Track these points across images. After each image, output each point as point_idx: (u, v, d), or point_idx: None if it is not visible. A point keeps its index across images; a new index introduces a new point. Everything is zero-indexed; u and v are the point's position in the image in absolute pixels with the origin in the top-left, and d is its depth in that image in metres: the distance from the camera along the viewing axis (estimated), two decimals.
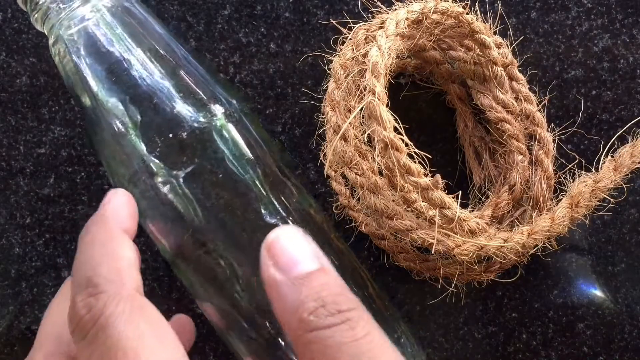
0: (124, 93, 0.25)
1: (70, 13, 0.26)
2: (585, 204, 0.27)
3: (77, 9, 0.26)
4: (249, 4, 0.34)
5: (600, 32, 0.34)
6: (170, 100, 0.25)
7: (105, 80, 0.25)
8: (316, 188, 0.34)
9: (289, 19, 0.34)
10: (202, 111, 0.25)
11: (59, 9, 0.26)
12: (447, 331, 0.34)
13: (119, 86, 0.25)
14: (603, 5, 0.34)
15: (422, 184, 0.25)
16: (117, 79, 0.25)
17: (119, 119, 0.25)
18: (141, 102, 0.25)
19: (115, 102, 0.25)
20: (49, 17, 0.26)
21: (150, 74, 0.25)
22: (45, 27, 0.27)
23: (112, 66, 0.25)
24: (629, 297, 0.34)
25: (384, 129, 0.24)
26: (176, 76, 0.26)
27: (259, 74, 0.34)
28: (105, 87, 0.25)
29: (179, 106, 0.25)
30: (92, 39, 0.26)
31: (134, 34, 0.26)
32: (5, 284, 0.34)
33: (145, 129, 0.25)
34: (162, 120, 0.25)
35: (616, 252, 0.34)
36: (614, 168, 0.27)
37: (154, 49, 0.26)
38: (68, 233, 0.34)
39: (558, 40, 0.34)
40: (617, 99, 0.33)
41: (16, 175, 0.34)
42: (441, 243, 0.26)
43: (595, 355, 0.34)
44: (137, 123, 0.25)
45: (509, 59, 0.30)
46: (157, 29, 0.27)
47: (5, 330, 0.34)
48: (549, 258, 0.33)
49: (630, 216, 0.33)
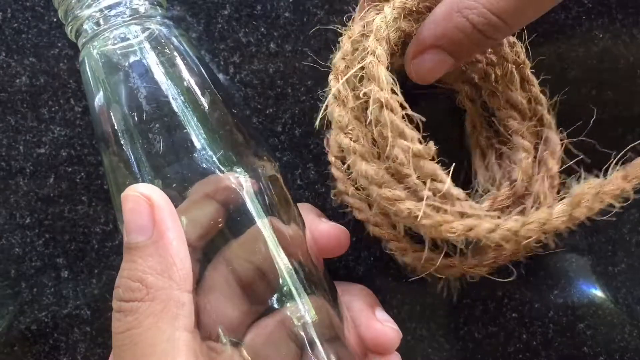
0: (154, 121, 0.24)
1: (114, 31, 0.25)
2: (587, 205, 0.26)
3: (121, 27, 0.25)
4: (249, 4, 0.34)
5: (600, 32, 0.34)
6: (199, 147, 0.24)
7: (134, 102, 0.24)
8: (316, 188, 0.34)
9: (289, 19, 0.34)
10: (230, 165, 0.24)
11: (98, 25, 0.25)
12: (447, 331, 0.34)
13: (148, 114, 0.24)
14: (603, 5, 0.34)
15: (413, 150, 0.24)
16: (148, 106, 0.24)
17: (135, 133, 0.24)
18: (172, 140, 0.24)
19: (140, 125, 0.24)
20: (85, 32, 0.25)
21: (188, 114, 0.25)
22: (79, 41, 0.26)
23: (145, 91, 0.24)
24: (629, 297, 0.34)
25: (380, 89, 0.24)
26: (210, 122, 0.25)
27: (259, 74, 0.34)
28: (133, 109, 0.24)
29: (206, 157, 0.24)
30: (130, 60, 0.25)
31: (175, 64, 0.25)
32: (5, 284, 0.34)
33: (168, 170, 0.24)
34: (187, 166, 0.24)
35: (616, 252, 0.34)
36: (623, 177, 0.26)
37: (197, 85, 0.25)
38: (68, 233, 0.34)
39: (558, 40, 0.34)
40: (617, 99, 0.33)
41: (16, 175, 0.34)
42: (428, 217, 0.25)
43: (595, 355, 0.34)
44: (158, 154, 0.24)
45: (521, 59, 0.30)
46: (203, 71, 0.26)
47: (5, 330, 0.34)
48: (549, 258, 0.33)
49: (630, 216, 0.33)
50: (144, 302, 0.21)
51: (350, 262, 0.34)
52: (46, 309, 0.34)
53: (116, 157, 0.25)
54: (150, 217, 0.22)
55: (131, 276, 0.22)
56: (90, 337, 0.35)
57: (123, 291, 0.22)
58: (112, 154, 0.25)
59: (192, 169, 0.24)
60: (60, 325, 0.35)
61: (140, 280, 0.21)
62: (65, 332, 0.35)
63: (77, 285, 0.34)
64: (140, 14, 0.25)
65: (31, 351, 0.35)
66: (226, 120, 0.26)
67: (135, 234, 0.22)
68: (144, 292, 0.21)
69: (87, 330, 0.35)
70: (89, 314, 0.35)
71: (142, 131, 0.24)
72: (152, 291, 0.21)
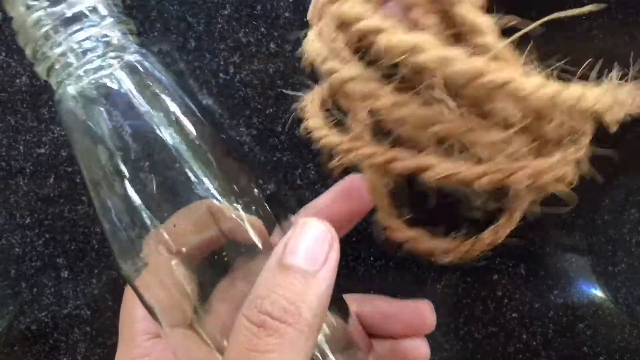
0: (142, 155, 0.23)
1: (89, 65, 0.24)
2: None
3: (96, 61, 0.24)
4: (249, 4, 0.34)
5: (600, 32, 0.34)
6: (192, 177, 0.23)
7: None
8: (315, 188, 0.34)
9: (289, 19, 0.34)
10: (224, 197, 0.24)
11: (71, 63, 0.23)
12: (447, 331, 0.34)
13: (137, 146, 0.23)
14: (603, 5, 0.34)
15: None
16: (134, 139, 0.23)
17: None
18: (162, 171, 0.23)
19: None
20: (57, 71, 0.24)
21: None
22: (52, 80, 0.24)
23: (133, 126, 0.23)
24: (629, 297, 0.34)
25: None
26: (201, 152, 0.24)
27: (259, 74, 0.34)
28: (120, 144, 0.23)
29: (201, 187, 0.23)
30: (115, 94, 0.24)
31: (157, 94, 0.24)
32: (5, 284, 0.34)
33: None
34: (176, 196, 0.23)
35: (616, 252, 0.34)
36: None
37: (184, 114, 0.24)
38: (68, 233, 0.34)
39: (559, 40, 0.34)
40: None
41: (16, 175, 0.34)
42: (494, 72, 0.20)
43: (595, 355, 0.34)
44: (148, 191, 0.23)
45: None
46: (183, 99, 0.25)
47: (5, 330, 0.34)
48: (549, 258, 0.33)
49: (630, 216, 0.33)
50: (292, 328, 0.20)
51: (350, 262, 0.34)
52: (46, 309, 0.34)
53: (109, 199, 0.24)
54: (326, 255, 0.21)
55: (288, 297, 0.20)
56: (90, 337, 0.35)
57: (273, 306, 0.20)
58: (105, 196, 0.24)
59: (188, 199, 0.23)
60: (60, 325, 0.35)
61: (297, 306, 0.20)
62: (65, 332, 0.35)
63: (77, 285, 0.34)
64: (114, 46, 0.24)
65: (31, 351, 0.35)
66: (218, 148, 0.25)
67: (307, 260, 0.21)
68: (296, 319, 0.20)
69: (87, 330, 0.35)
70: (89, 314, 0.35)
71: (133, 170, 0.23)
72: (302, 323, 0.20)
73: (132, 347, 0.26)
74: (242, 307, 0.21)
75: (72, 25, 0.23)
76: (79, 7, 0.23)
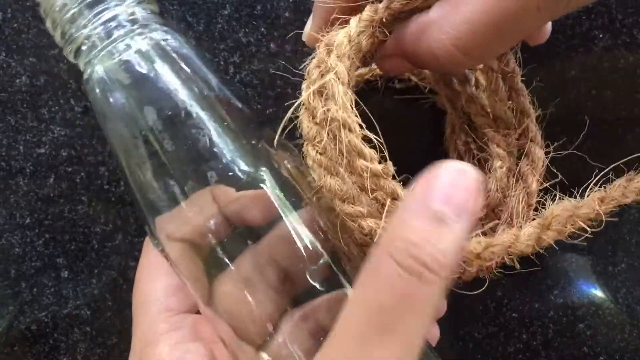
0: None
1: (119, 44, 0.25)
2: (558, 228, 0.25)
3: (125, 39, 0.25)
4: (249, 4, 0.34)
5: (600, 32, 0.34)
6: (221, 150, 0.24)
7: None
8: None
9: (289, 19, 0.34)
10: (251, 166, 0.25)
11: (101, 41, 0.25)
12: (447, 331, 0.34)
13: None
14: (603, 5, 0.34)
15: (372, 169, 0.24)
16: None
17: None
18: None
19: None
20: (85, 51, 0.25)
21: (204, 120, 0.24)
22: (81, 60, 0.26)
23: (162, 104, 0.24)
24: (629, 297, 0.34)
25: (338, 108, 0.24)
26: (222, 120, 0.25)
27: (259, 74, 0.34)
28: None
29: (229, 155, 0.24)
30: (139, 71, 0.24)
31: (184, 71, 0.25)
32: (5, 284, 0.34)
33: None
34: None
35: (616, 252, 0.34)
36: (601, 199, 0.25)
37: (207, 90, 0.25)
38: (68, 233, 0.34)
39: (558, 40, 0.34)
40: (617, 99, 0.33)
41: (16, 175, 0.34)
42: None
43: (595, 355, 0.34)
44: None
45: (510, 67, 0.28)
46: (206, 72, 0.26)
47: (5, 330, 0.34)
48: (549, 258, 0.33)
49: (630, 216, 0.33)
50: (442, 280, 0.19)
51: None
52: (46, 309, 0.34)
53: (141, 171, 0.25)
54: (473, 204, 0.20)
55: (442, 250, 0.19)
56: (90, 337, 0.35)
57: (431, 258, 0.19)
58: (137, 168, 0.25)
59: (220, 171, 0.24)
60: (60, 325, 0.35)
61: (449, 259, 0.20)
62: (65, 332, 0.35)
63: (77, 285, 0.34)
64: (139, 23, 0.25)
65: (31, 351, 0.35)
66: (242, 118, 0.26)
67: (458, 211, 0.20)
68: (447, 272, 0.20)
69: (87, 330, 0.35)
70: (89, 314, 0.35)
71: (174, 132, 0.24)
72: (449, 273, 0.20)
73: (155, 324, 0.26)
74: (380, 246, 0.20)
75: (97, 5, 0.24)
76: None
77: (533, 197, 0.28)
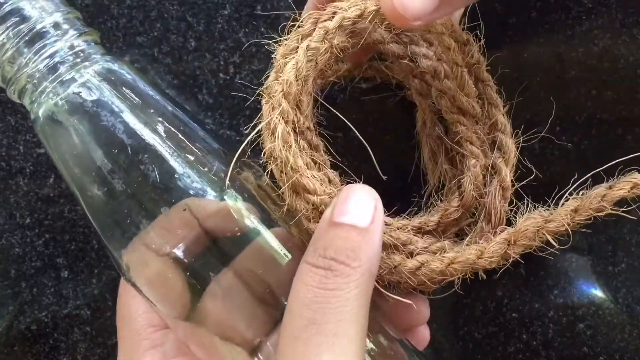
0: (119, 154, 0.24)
1: (66, 77, 0.24)
2: (525, 243, 0.25)
3: (71, 73, 0.24)
4: (249, 4, 0.34)
5: (600, 32, 0.33)
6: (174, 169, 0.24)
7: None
8: None
9: (289, 19, 0.34)
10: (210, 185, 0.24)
11: (45, 78, 0.24)
12: (447, 331, 0.34)
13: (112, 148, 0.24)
14: (603, 5, 0.34)
15: (315, 203, 0.25)
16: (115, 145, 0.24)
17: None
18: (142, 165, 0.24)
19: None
20: (30, 90, 0.24)
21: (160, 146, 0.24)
22: (27, 99, 0.25)
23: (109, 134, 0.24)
24: (629, 297, 0.34)
25: (281, 147, 0.24)
26: (180, 147, 0.24)
27: (259, 74, 0.34)
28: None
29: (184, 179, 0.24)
30: (85, 107, 0.24)
31: (128, 98, 0.24)
32: (5, 284, 0.34)
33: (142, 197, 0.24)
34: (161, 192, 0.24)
35: (616, 252, 0.34)
36: (575, 209, 0.25)
37: (161, 116, 0.25)
38: (68, 233, 0.34)
39: (558, 40, 0.34)
40: (617, 99, 0.33)
41: (16, 175, 0.34)
42: None
43: (595, 355, 0.34)
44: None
45: (475, 58, 0.28)
46: (149, 92, 0.25)
47: (5, 330, 0.34)
48: (549, 258, 0.33)
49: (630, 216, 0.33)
50: (355, 271, 0.22)
51: None
52: (46, 309, 0.34)
53: (98, 201, 0.24)
54: (372, 214, 0.23)
55: (348, 247, 0.22)
56: (90, 337, 0.35)
57: (337, 253, 0.22)
58: (94, 198, 0.24)
59: (184, 195, 0.24)
60: (60, 325, 0.35)
61: (357, 254, 0.22)
62: (65, 332, 0.35)
63: (77, 285, 0.34)
64: (82, 57, 0.24)
65: (31, 351, 0.35)
66: (201, 139, 0.25)
67: (358, 218, 0.23)
68: (358, 263, 0.22)
69: (87, 330, 0.35)
70: (89, 314, 0.35)
71: (133, 164, 0.24)
72: (364, 267, 0.22)
73: (138, 340, 0.26)
74: (303, 257, 0.23)
75: (36, 43, 0.23)
76: (40, 24, 0.23)
77: (508, 191, 0.28)
